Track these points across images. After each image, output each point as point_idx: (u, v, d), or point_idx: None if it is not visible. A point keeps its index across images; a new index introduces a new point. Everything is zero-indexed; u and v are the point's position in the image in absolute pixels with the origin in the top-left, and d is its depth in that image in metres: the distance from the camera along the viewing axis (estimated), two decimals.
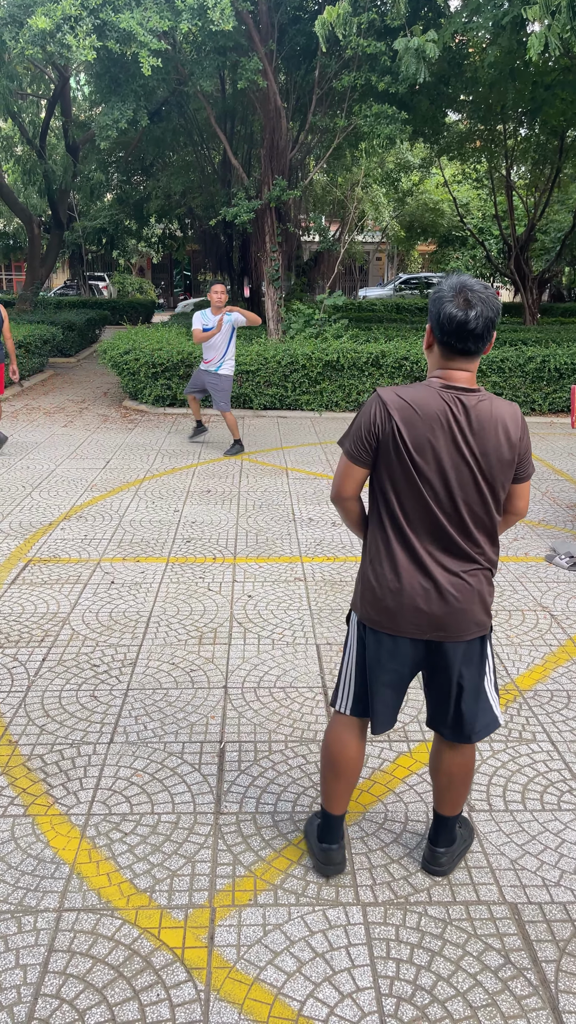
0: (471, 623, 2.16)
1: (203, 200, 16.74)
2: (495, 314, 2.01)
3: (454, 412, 2.03)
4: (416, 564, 2.13)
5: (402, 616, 2.15)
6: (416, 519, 2.11)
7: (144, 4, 8.79)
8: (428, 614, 2.14)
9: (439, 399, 2.04)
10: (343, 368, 10.32)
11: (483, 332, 2.01)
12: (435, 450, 2.04)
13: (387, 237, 30.05)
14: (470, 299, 1.98)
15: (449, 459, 2.04)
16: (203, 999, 2.02)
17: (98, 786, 2.85)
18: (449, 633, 2.16)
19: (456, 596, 2.12)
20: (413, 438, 2.04)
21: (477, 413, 2.04)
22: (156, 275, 42.06)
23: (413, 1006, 2.01)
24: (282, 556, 5.22)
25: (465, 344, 2.02)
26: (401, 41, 7.97)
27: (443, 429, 2.03)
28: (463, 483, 2.06)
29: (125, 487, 6.87)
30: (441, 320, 2.02)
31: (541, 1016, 1.99)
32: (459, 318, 1.98)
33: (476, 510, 2.10)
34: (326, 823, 2.42)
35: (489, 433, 2.04)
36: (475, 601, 2.15)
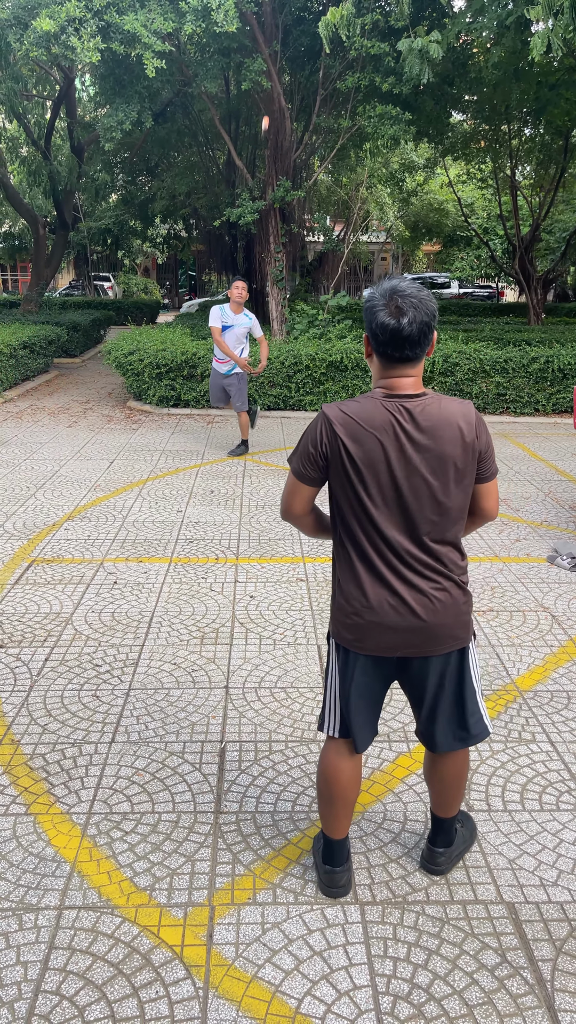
0: (444, 638, 2.11)
1: (208, 201, 16.78)
2: (430, 317, 1.95)
3: (400, 420, 1.97)
4: (380, 582, 2.07)
5: (372, 635, 2.10)
6: (374, 536, 2.05)
7: (148, 6, 8.82)
8: (397, 632, 2.08)
9: (383, 410, 1.98)
10: (347, 368, 10.33)
11: (419, 338, 1.95)
12: (385, 463, 1.98)
13: (392, 237, 30.04)
14: (401, 306, 1.92)
15: (401, 470, 1.98)
16: (201, 996, 2.04)
17: (99, 785, 2.87)
18: (421, 649, 2.11)
19: (424, 612, 2.07)
20: (360, 453, 1.98)
21: (424, 418, 1.98)
22: (161, 275, 42.15)
23: (410, 1004, 2.03)
24: (284, 556, 5.24)
25: (402, 352, 1.97)
26: (405, 42, 7.98)
27: (390, 440, 1.97)
28: (418, 494, 2.00)
29: (129, 487, 6.90)
30: (375, 329, 1.96)
31: (537, 1014, 2.01)
32: (392, 326, 1.93)
33: (435, 519, 2.03)
34: (327, 846, 2.37)
35: (440, 436, 1.98)
36: (447, 615, 2.09)
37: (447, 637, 2.11)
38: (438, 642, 2.11)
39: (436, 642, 2.11)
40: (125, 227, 24.94)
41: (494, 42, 10.49)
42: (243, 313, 7.72)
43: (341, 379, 10.41)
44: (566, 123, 14.55)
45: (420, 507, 2.01)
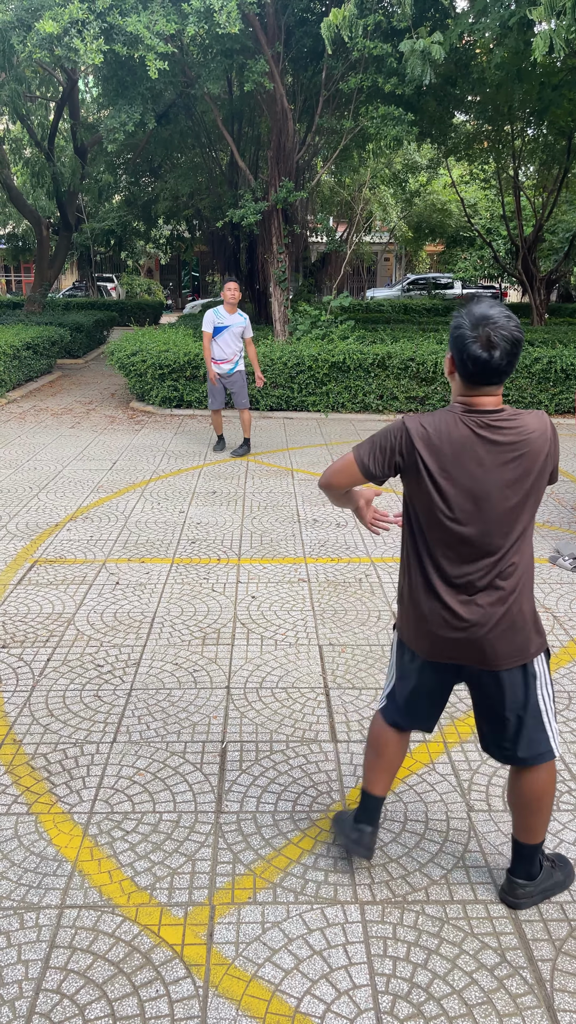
0: (506, 652, 2.12)
1: (210, 202, 16.78)
2: (518, 346, 2.00)
3: (478, 434, 2.02)
4: (439, 591, 2.13)
5: (429, 641, 2.17)
6: (442, 546, 2.10)
7: (151, 8, 8.84)
8: (455, 642, 2.13)
9: (462, 425, 2.03)
10: (349, 369, 10.34)
11: (506, 368, 2.00)
12: (461, 476, 2.03)
13: (395, 238, 30.03)
14: (492, 340, 1.96)
15: (480, 484, 2.03)
16: (201, 995, 2.05)
17: (101, 785, 2.88)
18: (480, 662, 2.14)
19: (486, 626, 2.10)
20: (437, 465, 2.04)
21: (503, 434, 2.02)
22: (164, 276, 42.19)
23: (409, 1003, 2.04)
24: (286, 557, 5.25)
25: (489, 379, 2.02)
26: (407, 43, 7.98)
27: (469, 454, 2.02)
28: (492, 506, 2.04)
29: (131, 488, 6.91)
30: (465, 360, 2.00)
31: (536, 1014, 2.01)
32: (483, 358, 1.98)
33: (506, 531, 2.06)
34: (363, 804, 2.43)
35: (523, 456, 2.02)
36: (507, 628, 2.10)
37: (507, 652, 2.12)
38: (497, 657, 2.12)
39: (495, 657, 2.12)
40: (128, 228, 24.97)
41: (496, 43, 10.49)
42: (237, 313, 7.92)
43: (344, 380, 10.41)
44: (569, 123, 14.53)
45: (496, 518, 2.05)
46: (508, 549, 2.08)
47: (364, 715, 3.36)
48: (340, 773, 2.97)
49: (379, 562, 5.17)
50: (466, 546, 2.08)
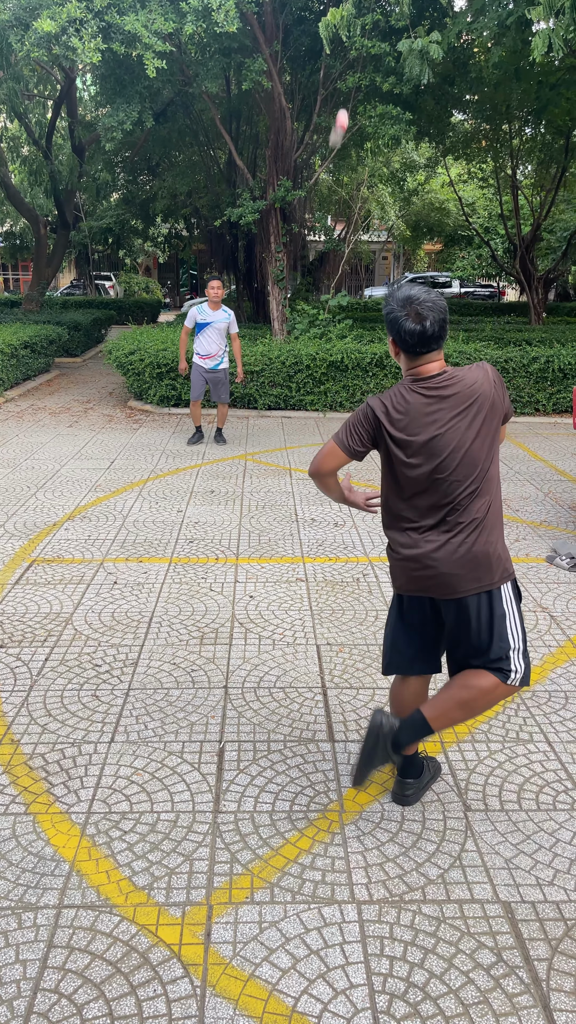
0: (485, 576, 2.40)
1: (209, 200, 16.78)
2: (445, 314, 2.33)
3: (428, 397, 2.34)
4: (414, 533, 2.45)
5: (409, 578, 2.48)
6: (411, 496, 2.42)
7: (149, 6, 8.83)
8: (425, 577, 2.44)
9: (413, 393, 2.36)
10: (347, 368, 10.34)
11: (440, 332, 2.32)
12: (421, 434, 2.34)
13: (393, 236, 30.02)
14: (421, 312, 2.30)
15: (437, 438, 2.33)
16: (199, 995, 2.06)
17: (98, 785, 2.89)
18: (460, 588, 2.41)
19: (444, 559, 2.39)
20: (397, 430, 2.36)
21: (449, 390, 2.33)
22: (162, 274, 42.15)
23: (406, 1003, 2.04)
24: (284, 557, 5.26)
25: (428, 347, 2.34)
26: (405, 43, 7.98)
27: (424, 415, 2.33)
28: (454, 453, 2.33)
29: (129, 487, 6.91)
30: (403, 336, 2.33)
31: (532, 1014, 2.02)
32: (417, 330, 2.30)
33: (476, 475, 2.35)
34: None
35: (471, 404, 2.33)
36: (468, 561, 2.38)
37: (468, 580, 2.40)
38: (458, 585, 2.41)
39: (457, 585, 2.41)
40: (126, 226, 24.93)
41: (495, 42, 10.49)
42: (221, 310, 8.16)
43: (342, 379, 10.42)
44: (567, 123, 14.53)
45: (457, 467, 2.34)
46: (475, 489, 2.37)
47: (361, 715, 3.37)
48: (337, 773, 2.98)
49: (376, 561, 5.18)
50: (434, 493, 2.38)
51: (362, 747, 2.64)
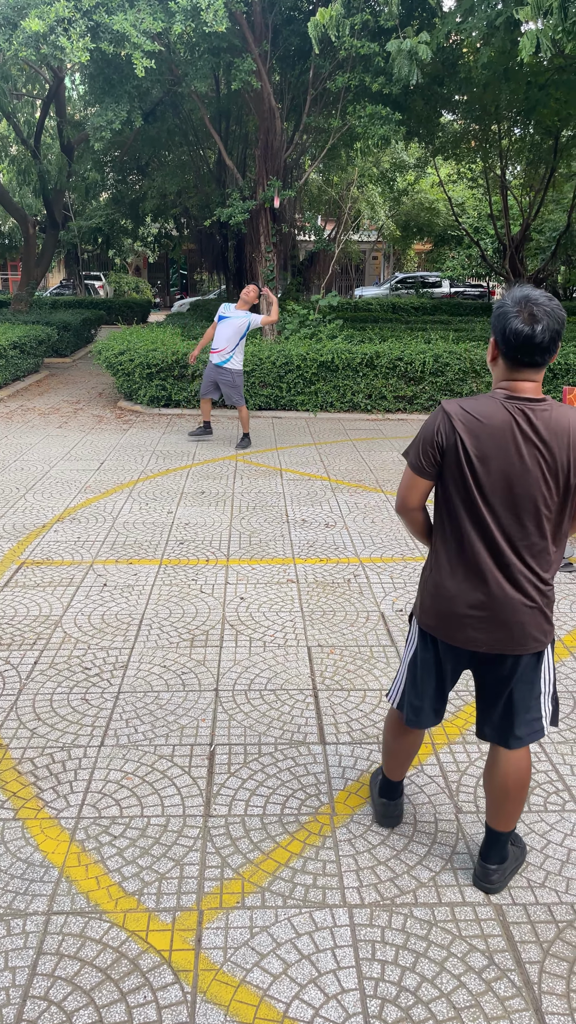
0: (526, 638, 2.17)
1: (198, 200, 16.75)
2: (561, 326, 2.03)
3: (519, 422, 2.05)
4: (474, 576, 2.16)
5: (455, 625, 2.21)
6: (477, 531, 2.14)
7: (137, 6, 8.80)
8: (480, 627, 2.18)
9: (504, 410, 2.06)
10: (338, 368, 10.34)
11: (549, 345, 2.02)
12: (500, 461, 2.06)
13: (383, 236, 30.05)
14: (535, 313, 2.00)
15: (516, 469, 2.06)
16: (190, 1001, 2.04)
17: (88, 789, 2.87)
18: (503, 647, 2.19)
19: (515, 612, 2.15)
20: (477, 449, 2.07)
21: (544, 422, 2.05)
22: (152, 274, 42.04)
23: (397, 1007, 2.04)
24: (275, 558, 5.24)
25: (532, 357, 2.04)
26: (394, 43, 7.98)
27: (509, 439, 2.05)
28: (529, 496, 2.07)
29: (119, 488, 6.89)
30: (507, 335, 2.03)
31: (524, 1017, 2.02)
32: (525, 332, 2.00)
33: (541, 521, 2.09)
34: (385, 783, 2.66)
35: (557, 442, 2.05)
36: (530, 616, 2.16)
37: (527, 637, 2.18)
38: (518, 642, 2.18)
39: (517, 642, 2.18)
40: (116, 226, 24.87)
41: (484, 42, 10.51)
42: (245, 312, 8.24)
43: (332, 379, 10.41)
44: (556, 123, 14.58)
45: (531, 507, 2.08)
46: (543, 538, 2.11)
47: (352, 717, 3.36)
48: (328, 776, 2.97)
49: (367, 562, 5.17)
50: (505, 531, 2.11)
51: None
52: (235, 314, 8.18)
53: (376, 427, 9.88)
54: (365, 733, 3.24)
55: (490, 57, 9.97)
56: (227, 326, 8.16)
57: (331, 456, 8.23)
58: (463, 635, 2.21)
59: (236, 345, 8.20)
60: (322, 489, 6.95)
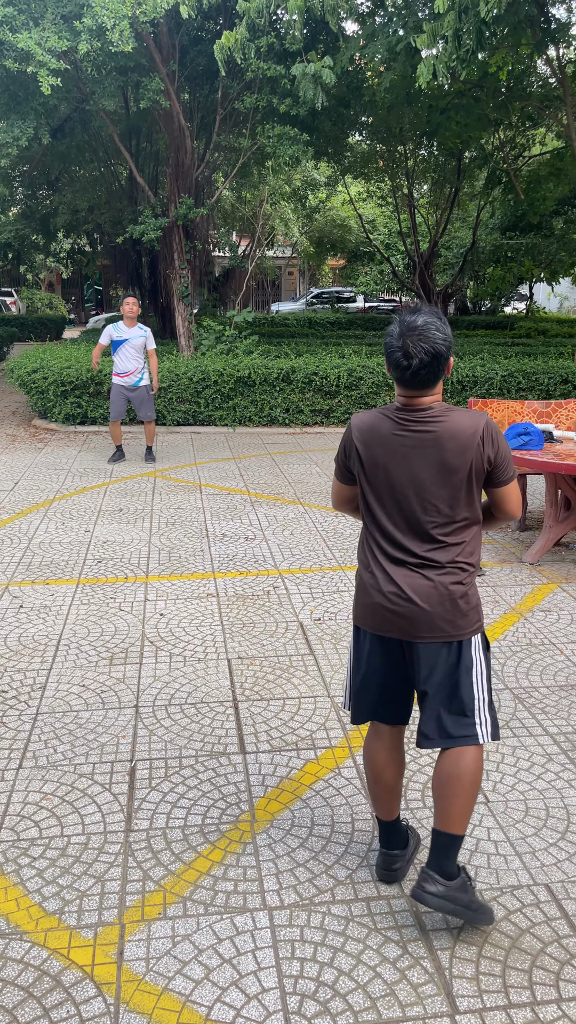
0: (437, 624, 2.26)
1: (111, 216, 16.65)
2: (441, 351, 2.17)
3: (399, 432, 2.24)
4: (384, 568, 2.32)
5: (376, 614, 2.33)
6: (381, 527, 2.32)
7: (42, 24, 8.76)
8: (394, 613, 2.29)
9: (389, 421, 2.27)
10: (255, 384, 10.45)
11: (426, 374, 2.19)
12: (386, 466, 2.27)
13: (297, 252, 30.47)
14: (410, 351, 2.16)
15: (398, 473, 2.25)
16: (112, 1012, 2.07)
17: (6, 813, 2.85)
18: (414, 633, 2.28)
19: (426, 599, 2.25)
20: (368, 457, 2.30)
21: (420, 431, 2.22)
22: (66, 290, 41.40)
23: (316, 1001, 2.11)
24: (195, 573, 5.28)
25: (414, 382, 2.22)
26: (298, 67, 8.20)
27: (392, 447, 2.25)
28: (417, 494, 2.24)
29: (34, 508, 6.79)
30: (390, 365, 2.25)
31: (436, 1002, 2.12)
32: (403, 365, 2.19)
33: (431, 517, 2.25)
34: (381, 828, 2.51)
35: (431, 450, 2.21)
36: (440, 603, 2.25)
37: (438, 624, 2.26)
38: (428, 628, 2.27)
39: (427, 628, 2.27)
40: (26, 241, 24.43)
41: (386, 67, 10.87)
42: (137, 327, 8.20)
43: (250, 394, 10.52)
44: (458, 145, 15.16)
45: (418, 505, 2.25)
46: (439, 531, 2.25)
47: (272, 725, 3.43)
48: (249, 784, 3.03)
49: (286, 574, 5.27)
50: (396, 528, 2.29)
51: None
52: (131, 333, 8.16)
53: (294, 441, 10.03)
54: (284, 740, 3.32)
55: (392, 81, 10.32)
56: (128, 348, 8.16)
57: (250, 470, 8.32)
58: (379, 623, 2.33)
59: (143, 364, 8.26)
60: (242, 503, 7.02)
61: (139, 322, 8.37)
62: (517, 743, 3.30)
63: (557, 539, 5.47)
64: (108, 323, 22.68)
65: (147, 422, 8.51)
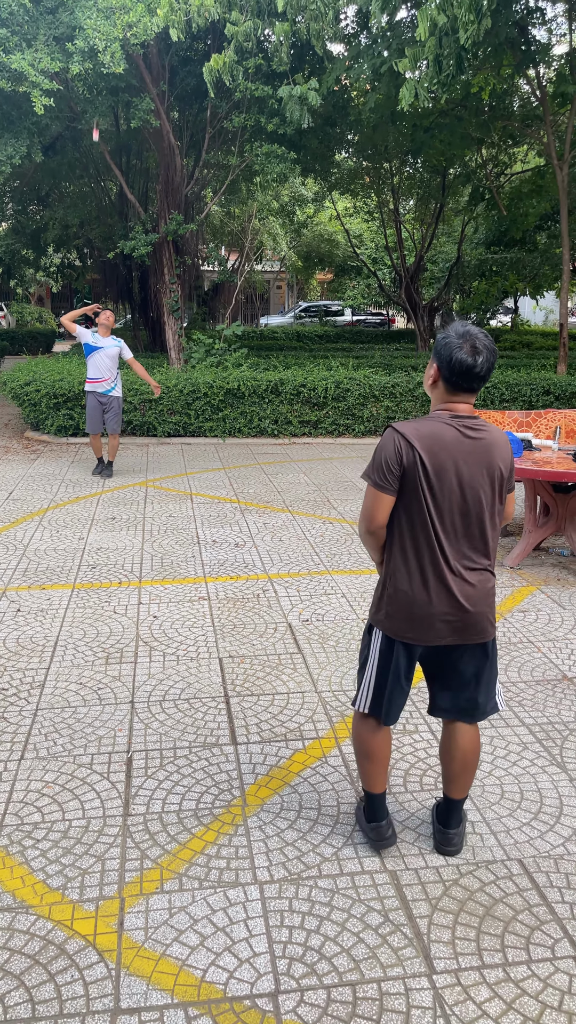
0: (487, 625, 2.52)
1: (101, 231, 16.88)
2: (495, 358, 2.39)
3: (467, 439, 2.40)
4: (440, 578, 2.45)
5: (428, 626, 2.48)
6: (434, 536, 2.43)
7: (35, 46, 8.99)
8: (452, 622, 2.48)
9: (451, 428, 2.40)
10: (244, 395, 10.65)
11: (486, 374, 2.38)
12: (454, 472, 2.39)
13: (286, 267, 30.80)
14: (477, 347, 2.34)
15: (467, 478, 2.40)
16: (114, 976, 2.22)
17: (10, 800, 3.00)
18: (469, 637, 2.51)
19: (474, 603, 2.47)
20: (434, 465, 2.38)
21: (481, 436, 2.42)
22: (56, 304, 41.61)
23: (303, 964, 2.27)
24: (187, 577, 5.45)
25: (471, 384, 2.39)
26: (285, 89, 8.45)
27: (458, 455, 2.39)
28: (477, 499, 2.41)
29: (28, 517, 6.95)
30: (452, 364, 2.35)
31: (415, 963, 2.28)
32: (468, 362, 2.33)
33: (487, 521, 2.45)
34: (370, 804, 2.72)
35: (492, 458, 2.42)
36: (489, 605, 2.51)
37: (488, 625, 2.52)
38: (482, 631, 2.51)
39: (481, 631, 2.51)
40: (17, 256, 24.63)
41: (370, 88, 11.16)
42: (111, 337, 8.36)
43: (239, 406, 10.71)
44: (442, 162, 15.49)
45: (479, 510, 2.43)
46: (488, 534, 2.47)
47: (262, 719, 3.59)
48: (240, 772, 3.19)
49: (275, 578, 5.44)
50: (454, 537, 2.44)
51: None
52: (105, 342, 8.27)
53: (283, 451, 10.22)
54: (274, 732, 3.48)
55: (377, 101, 10.61)
56: (103, 356, 8.26)
57: (240, 480, 8.50)
58: (431, 634, 2.49)
59: (116, 373, 8.41)
60: (232, 511, 7.20)
61: (115, 335, 8.51)
62: (495, 733, 3.48)
63: (536, 543, 5.67)
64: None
65: (111, 434, 8.48)
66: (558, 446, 5.83)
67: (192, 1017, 2.11)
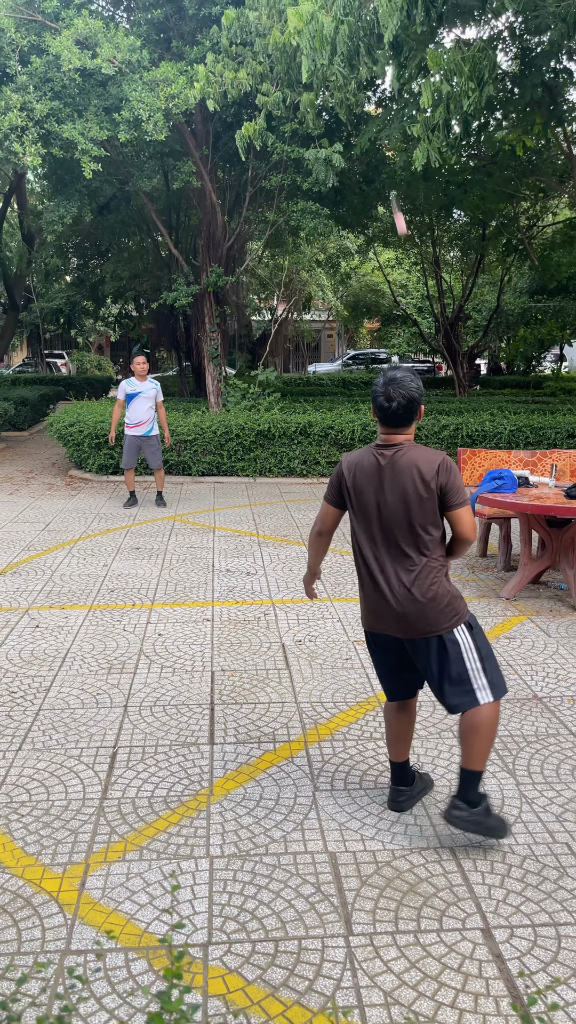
0: (425, 624, 2.85)
1: (151, 283, 17.81)
2: (415, 397, 2.82)
3: (380, 463, 2.87)
4: (375, 581, 2.93)
5: (378, 619, 2.96)
6: (368, 546, 2.93)
7: (85, 116, 9.82)
8: (391, 618, 2.90)
9: (371, 455, 2.91)
10: (275, 437, 11.11)
11: (403, 414, 2.83)
12: (369, 493, 2.88)
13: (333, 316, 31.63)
14: (391, 394, 2.82)
15: (376, 498, 2.87)
16: (69, 924, 2.54)
17: (3, 783, 3.36)
18: (415, 631, 2.88)
19: (405, 603, 2.86)
20: (355, 486, 2.93)
21: (394, 461, 2.84)
22: (115, 352, 43.34)
23: (236, 922, 2.55)
24: (196, 601, 5.81)
25: (389, 421, 2.87)
26: (312, 152, 9.06)
27: (373, 477, 2.87)
28: (391, 515, 2.84)
29: (60, 546, 7.44)
30: (375, 405, 2.89)
31: (336, 926, 2.54)
32: (384, 405, 2.84)
33: (407, 535, 2.85)
34: (393, 769, 3.16)
35: (404, 476, 2.82)
36: (425, 606, 2.84)
37: (426, 624, 2.85)
38: (420, 628, 2.86)
39: (418, 628, 2.87)
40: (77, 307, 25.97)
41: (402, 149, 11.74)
42: (148, 380, 9.14)
43: (270, 446, 11.17)
44: (479, 215, 15.98)
45: (394, 525, 2.86)
46: (421, 538, 2.84)
47: (241, 724, 3.90)
48: (212, 767, 3.50)
49: (279, 603, 5.76)
50: (381, 544, 2.89)
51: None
52: (143, 387, 9.05)
53: (310, 490, 10.60)
54: (249, 735, 3.79)
55: (405, 161, 11.16)
56: (142, 401, 9.02)
57: (263, 516, 8.89)
58: (382, 625, 2.95)
59: (154, 415, 9.10)
60: (250, 544, 7.57)
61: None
62: (454, 742, 3.71)
63: (532, 576, 5.88)
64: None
65: (156, 469, 9.31)
66: (554, 483, 6.07)
67: (131, 959, 2.41)
